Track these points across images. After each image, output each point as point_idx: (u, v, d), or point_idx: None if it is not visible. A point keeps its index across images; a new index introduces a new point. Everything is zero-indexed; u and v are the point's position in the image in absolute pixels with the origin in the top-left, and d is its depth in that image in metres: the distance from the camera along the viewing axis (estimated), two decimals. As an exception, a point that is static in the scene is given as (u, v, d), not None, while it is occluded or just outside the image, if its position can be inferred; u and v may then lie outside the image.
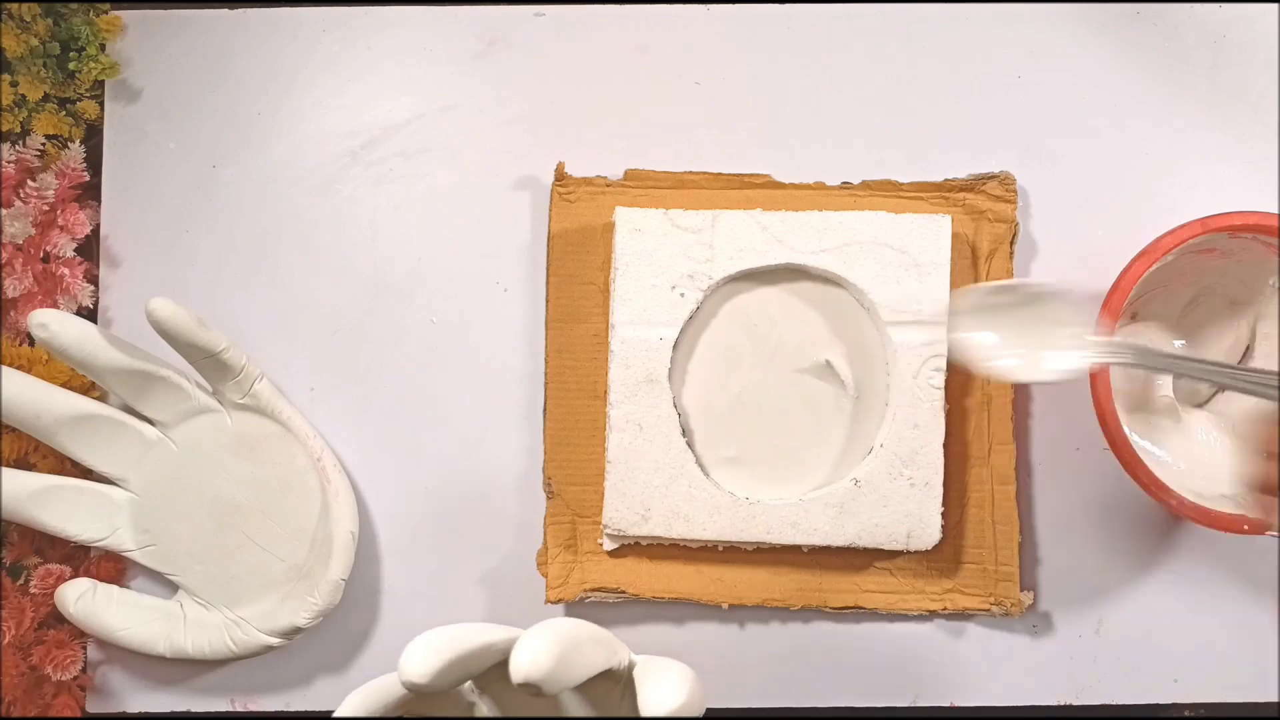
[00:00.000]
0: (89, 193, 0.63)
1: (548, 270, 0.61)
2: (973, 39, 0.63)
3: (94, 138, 0.63)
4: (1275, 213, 0.55)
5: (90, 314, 0.62)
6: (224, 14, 0.64)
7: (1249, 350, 0.59)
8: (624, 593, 0.60)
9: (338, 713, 0.41)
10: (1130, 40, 0.63)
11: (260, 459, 0.60)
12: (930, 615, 0.61)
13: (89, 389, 0.60)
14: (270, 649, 0.59)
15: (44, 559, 0.61)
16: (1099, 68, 0.63)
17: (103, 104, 0.63)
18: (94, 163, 0.63)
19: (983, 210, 0.61)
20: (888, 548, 0.58)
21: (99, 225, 0.63)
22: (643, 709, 0.38)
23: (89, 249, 0.63)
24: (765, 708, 0.61)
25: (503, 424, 0.62)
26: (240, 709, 0.62)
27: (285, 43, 0.64)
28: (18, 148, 0.62)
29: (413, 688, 0.39)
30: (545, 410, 0.61)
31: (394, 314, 0.63)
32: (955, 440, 0.60)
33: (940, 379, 0.58)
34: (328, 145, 0.63)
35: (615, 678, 0.42)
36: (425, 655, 0.39)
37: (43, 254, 0.62)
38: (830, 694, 0.61)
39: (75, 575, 0.60)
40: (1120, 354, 0.49)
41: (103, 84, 0.63)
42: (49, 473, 0.60)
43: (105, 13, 0.62)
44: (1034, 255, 0.62)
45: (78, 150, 0.62)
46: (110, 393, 0.60)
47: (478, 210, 0.63)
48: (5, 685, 0.58)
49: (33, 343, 0.59)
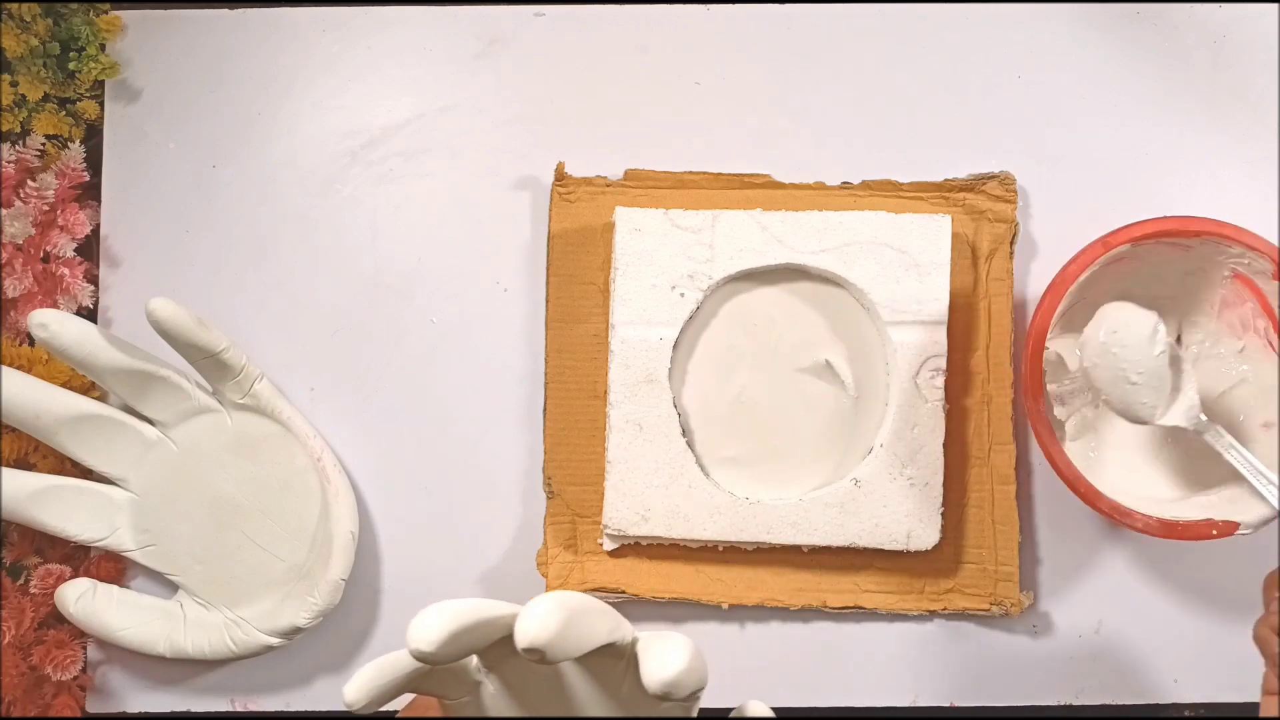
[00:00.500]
0: (89, 193, 0.63)
1: (548, 270, 0.61)
2: (973, 39, 0.63)
3: (94, 138, 0.63)
4: (1169, 216, 0.56)
5: (90, 314, 0.62)
6: (224, 14, 0.64)
7: (1179, 341, 0.61)
8: (624, 593, 0.60)
9: (346, 689, 0.41)
10: (1130, 40, 0.63)
11: (260, 459, 0.60)
12: (930, 615, 0.61)
13: (89, 389, 0.60)
14: (270, 649, 0.59)
15: (44, 559, 0.61)
16: (1099, 68, 0.63)
17: (103, 104, 0.63)
18: (94, 163, 0.63)
19: (983, 210, 0.61)
20: (888, 548, 0.58)
21: (99, 225, 0.63)
22: (645, 678, 0.38)
23: (89, 249, 0.63)
24: (765, 708, 0.61)
25: (503, 424, 0.62)
26: (240, 709, 0.62)
27: (285, 43, 0.64)
28: (18, 148, 0.62)
29: (421, 656, 0.39)
30: (545, 410, 0.61)
31: (394, 314, 0.63)
32: (955, 440, 0.60)
33: (940, 379, 0.58)
34: (328, 145, 0.63)
35: (619, 653, 0.42)
36: (435, 622, 0.39)
37: (43, 254, 0.62)
38: (830, 694, 0.61)
39: (75, 575, 0.60)
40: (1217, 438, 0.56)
41: (103, 84, 0.63)
42: (49, 473, 0.60)
43: (105, 13, 0.62)
44: (1034, 255, 0.62)
45: (78, 150, 0.62)
46: (110, 393, 0.60)
47: (478, 210, 0.63)
48: (5, 685, 0.58)
49: (33, 343, 0.59)
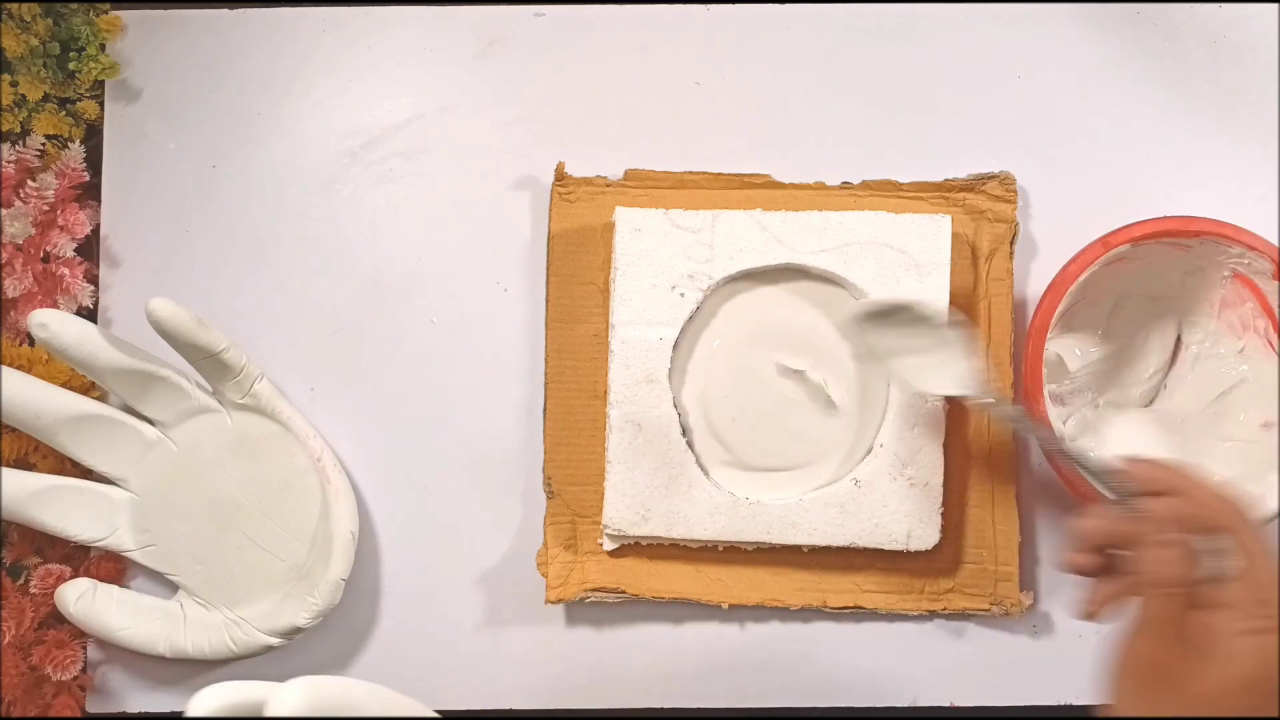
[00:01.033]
0: (89, 193, 0.63)
1: (548, 270, 0.61)
2: (973, 39, 0.63)
3: (94, 138, 0.63)
4: (1169, 217, 0.56)
5: (90, 314, 0.62)
6: (224, 14, 0.64)
7: (1179, 341, 0.61)
8: (624, 593, 0.60)
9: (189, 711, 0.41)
10: (1130, 40, 0.63)
11: (260, 459, 0.60)
12: (930, 615, 0.61)
13: (89, 389, 0.60)
14: (270, 649, 0.59)
15: (44, 559, 0.61)
16: (1099, 68, 0.63)
17: (103, 104, 0.63)
18: (94, 163, 0.63)
19: (983, 210, 0.61)
20: (888, 548, 0.58)
21: (99, 225, 0.63)
22: None
23: (89, 249, 0.62)
24: (765, 708, 0.61)
25: (503, 424, 0.62)
26: (240, 709, 0.62)
27: (285, 43, 0.64)
28: (18, 148, 0.62)
29: None
30: (545, 410, 0.61)
31: (394, 314, 0.63)
32: (955, 440, 0.60)
33: (940, 379, 0.58)
34: (328, 145, 0.63)
35: None
36: (206, 699, 0.40)
37: (43, 254, 0.62)
38: (830, 694, 0.61)
39: (75, 575, 0.60)
40: (993, 403, 0.55)
41: (103, 84, 0.63)
42: (49, 473, 0.60)
43: (105, 13, 0.62)
44: (1034, 255, 0.62)
45: (78, 150, 0.62)
46: (110, 393, 0.60)
47: (478, 210, 0.63)
48: (5, 685, 0.58)
49: (33, 343, 0.59)
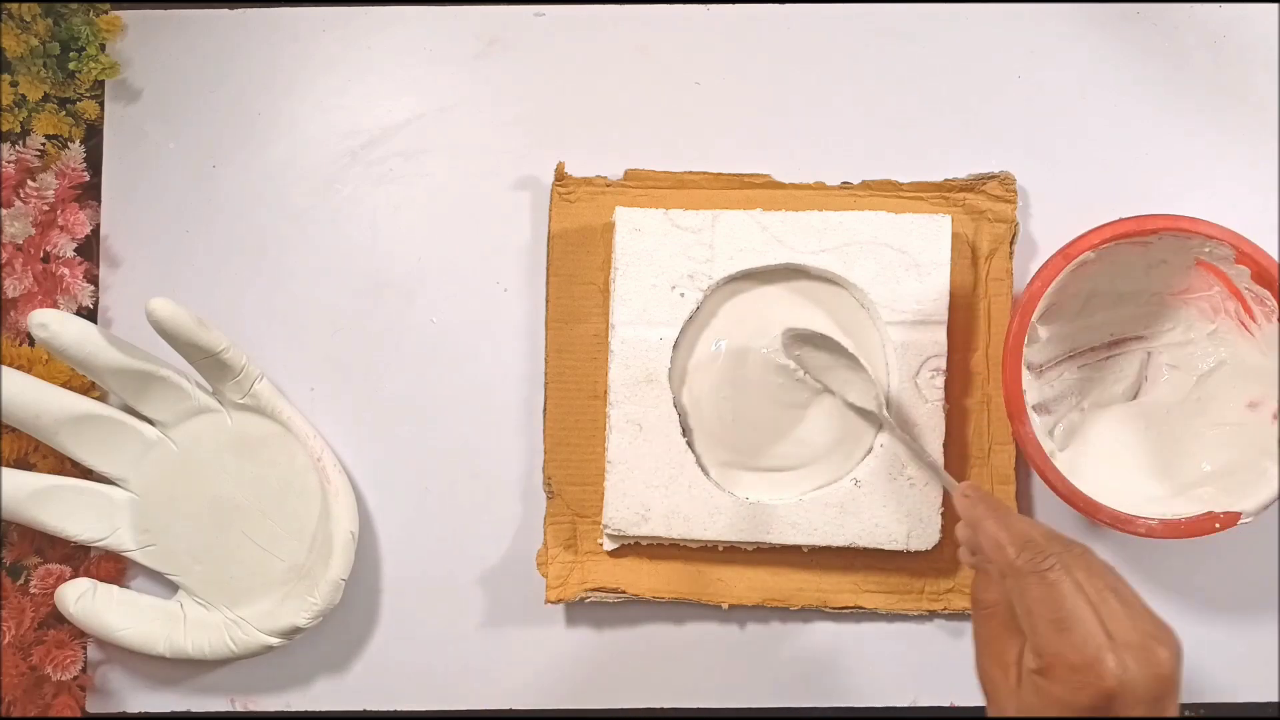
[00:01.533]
0: (89, 193, 0.63)
1: (548, 270, 0.61)
2: (973, 39, 0.63)
3: (94, 138, 0.63)
4: (1126, 218, 0.56)
5: (90, 314, 0.62)
6: (224, 14, 0.64)
7: (1153, 333, 0.61)
8: (624, 593, 0.60)
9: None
10: (1130, 40, 0.63)
11: (260, 459, 0.60)
12: (930, 615, 0.61)
13: (89, 389, 0.60)
14: (270, 649, 0.59)
15: (44, 559, 0.61)
16: (1099, 68, 0.63)
17: (103, 104, 0.63)
18: (94, 163, 0.63)
19: (983, 210, 0.61)
20: (888, 548, 0.58)
21: (99, 225, 0.63)
22: None
23: (89, 249, 0.62)
24: (765, 707, 0.61)
25: (503, 424, 0.62)
26: (240, 709, 0.62)
27: (285, 43, 0.64)
28: (18, 148, 0.61)
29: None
30: (545, 410, 0.61)
31: (394, 314, 0.63)
32: (955, 440, 0.60)
33: (940, 379, 0.58)
34: (328, 145, 0.63)
35: None
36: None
37: (43, 254, 0.62)
38: (830, 694, 0.61)
39: (75, 575, 0.60)
40: (888, 419, 0.58)
41: (103, 84, 0.63)
42: (49, 473, 0.60)
43: (105, 13, 0.62)
44: (1034, 255, 0.62)
45: (78, 150, 0.62)
46: (110, 393, 0.60)
47: (478, 210, 0.63)
48: (5, 685, 0.58)
49: (33, 343, 0.59)
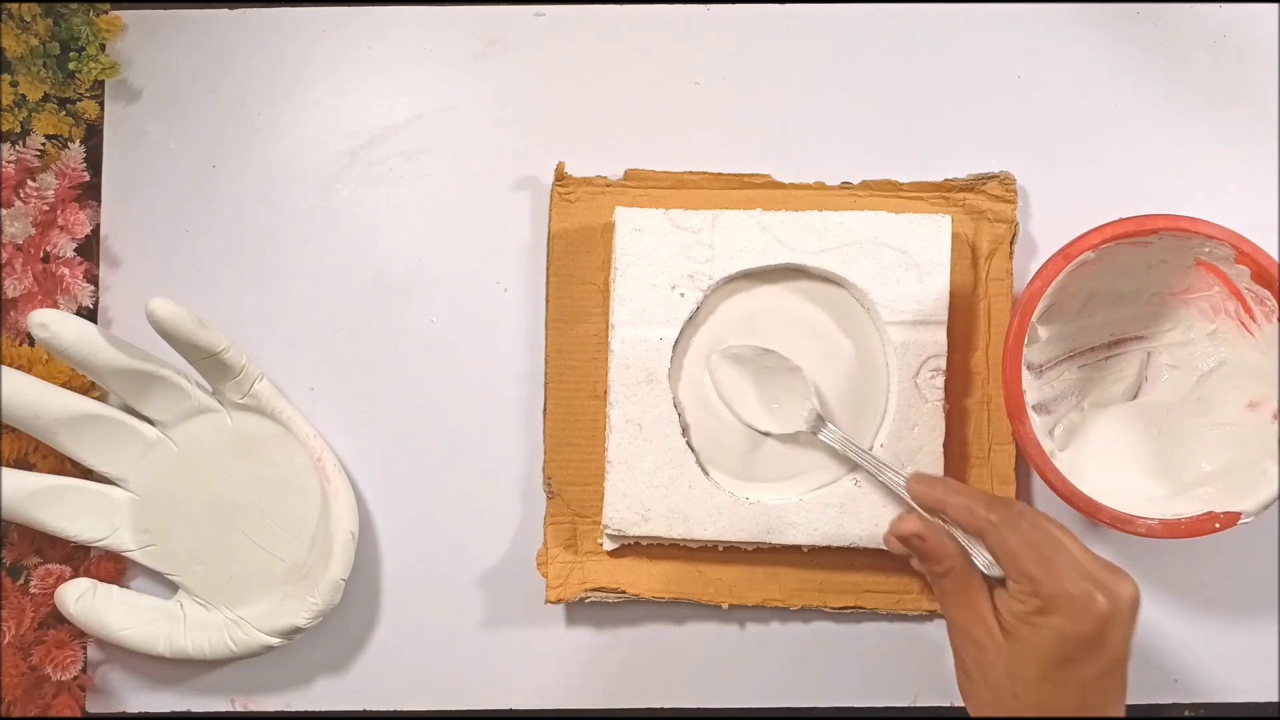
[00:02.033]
0: (89, 193, 0.63)
1: (548, 270, 0.61)
2: (973, 39, 0.63)
3: (94, 138, 0.63)
4: (1126, 218, 0.56)
5: (90, 314, 0.62)
6: (224, 14, 0.64)
7: (1153, 332, 0.61)
8: (624, 593, 0.60)
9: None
10: (1130, 40, 0.63)
11: (260, 459, 0.60)
12: (930, 615, 0.61)
13: (89, 389, 0.60)
14: (270, 649, 0.59)
15: (44, 559, 0.61)
16: (1099, 68, 0.63)
17: (103, 104, 0.63)
18: (94, 163, 0.63)
19: (983, 210, 0.61)
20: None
21: (99, 225, 0.63)
22: None
23: (89, 249, 0.62)
24: (765, 707, 0.61)
25: (503, 424, 0.62)
26: (240, 709, 0.62)
27: (285, 43, 0.64)
28: (18, 148, 0.61)
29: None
30: (545, 410, 0.61)
31: (394, 314, 0.63)
32: (955, 440, 0.60)
33: (940, 379, 0.58)
34: (328, 145, 0.63)
35: None
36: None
37: (43, 254, 0.62)
38: (830, 694, 0.61)
39: (75, 575, 0.60)
40: (830, 437, 0.58)
41: (103, 84, 0.63)
42: (49, 473, 0.60)
43: (105, 13, 0.62)
44: (1034, 255, 0.62)
45: (78, 150, 0.62)
46: (110, 393, 0.60)
47: (478, 210, 0.63)
48: (5, 685, 0.58)
49: (33, 343, 0.59)
